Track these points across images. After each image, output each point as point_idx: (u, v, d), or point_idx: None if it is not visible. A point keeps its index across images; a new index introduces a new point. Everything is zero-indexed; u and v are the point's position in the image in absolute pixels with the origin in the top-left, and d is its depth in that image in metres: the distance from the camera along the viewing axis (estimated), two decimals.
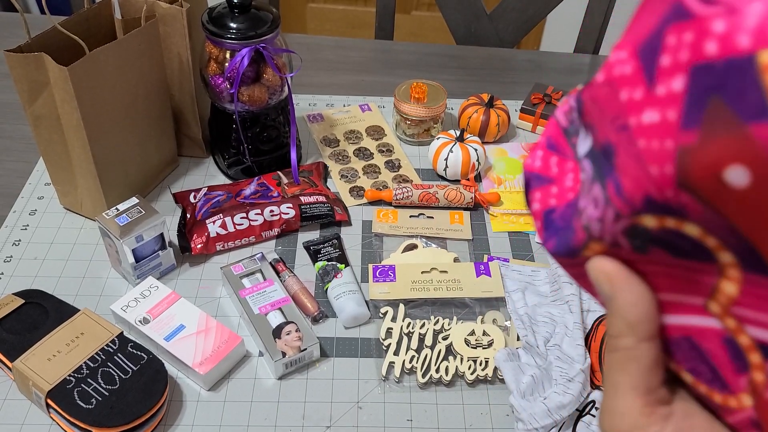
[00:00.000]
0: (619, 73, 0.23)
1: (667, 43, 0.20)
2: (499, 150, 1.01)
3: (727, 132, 0.18)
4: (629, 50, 0.22)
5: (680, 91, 0.20)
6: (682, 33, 0.19)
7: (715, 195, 0.20)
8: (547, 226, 0.29)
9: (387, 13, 1.33)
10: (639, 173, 0.22)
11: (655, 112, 0.21)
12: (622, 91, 0.22)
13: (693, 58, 0.19)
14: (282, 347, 0.69)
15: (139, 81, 0.81)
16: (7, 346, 0.67)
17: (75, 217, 0.86)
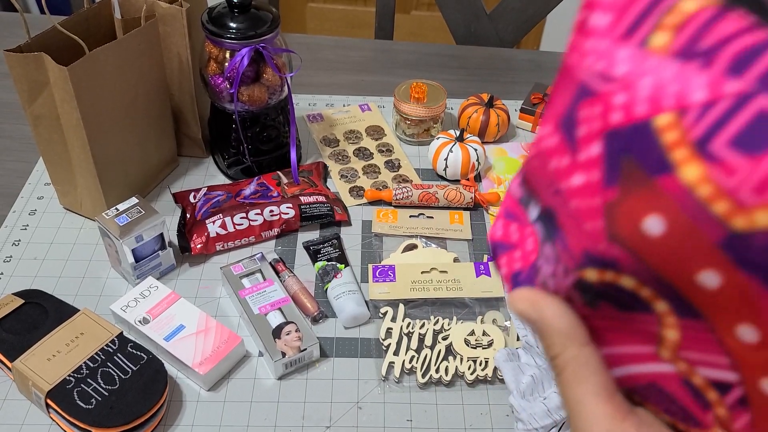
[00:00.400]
0: (546, 145, 0.26)
1: (581, 116, 0.24)
2: (499, 150, 1.01)
3: (641, 186, 0.21)
4: (552, 125, 0.26)
5: (598, 155, 0.23)
6: (591, 107, 0.23)
7: (639, 245, 0.22)
8: (514, 287, 0.31)
9: (387, 13, 1.33)
10: (577, 230, 0.25)
11: (581, 175, 0.24)
12: (552, 160, 0.25)
13: (604, 127, 0.22)
14: (282, 347, 0.69)
15: (138, 81, 0.81)
16: (7, 346, 0.67)
17: (75, 217, 0.86)
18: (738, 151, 0.19)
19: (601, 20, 0.23)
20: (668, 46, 0.21)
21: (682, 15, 0.21)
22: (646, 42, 0.22)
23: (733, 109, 0.19)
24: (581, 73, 0.24)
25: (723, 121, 0.19)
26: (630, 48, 0.22)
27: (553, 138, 0.25)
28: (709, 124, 0.20)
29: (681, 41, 0.21)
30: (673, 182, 0.20)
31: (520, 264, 0.31)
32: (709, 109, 0.20)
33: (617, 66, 0.22)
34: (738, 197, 0.19)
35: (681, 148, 0.20)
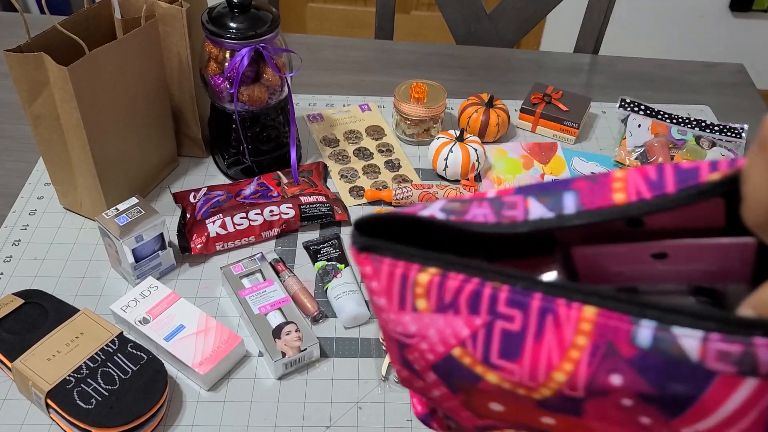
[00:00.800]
0: (422, 385, 0.33)
1: (410, 359, 0.32)
2: (499, 150, 1.01)
3: (473, 390, 0.31)
4: (399, 365, 0.34)
5: (436, 379, 0.32)
6: (412, 353, 0.31)
7: (496, 416, 0.33)
8: (423, 420, 0.41)
9: (387, 12, 1.33)
10: (459, 418, 0.35)
11: (436, 391, 0.33)
12: (416, 383, 0.34)
13: (427, 363, 0.31)
14: (282, 347, 0.69)
15: (138, 81, 0.81)
16: (7, 346, 0.67)
17: (75, 217, 0.86)
18: (506, 359, 0.28)
19: (381, 302, 0.31)
20: (428, 306, 0.29)
21: (422, 285, 0.29)
22: (416, 308, 0.30)
23: (487, 334, 0.28)
24: (392, 334, 0.31)
25: (487, 343, 0.28)
26: (408, 314, 0.30)
27: (403, 371, 0.34)
28: (481, 347, 0.28)
29: (433, 301, 0.29)
30: (487, 384, 0.29)
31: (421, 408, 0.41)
32: (476, 338, 0.28)
33: (409, 327, 0.30)
34: (523, 383, 0.28)
35: (477, 365, 0.29)
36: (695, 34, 2.40)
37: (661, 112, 1.05)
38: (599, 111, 1.10)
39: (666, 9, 2.34)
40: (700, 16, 2.36)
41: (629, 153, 0.98)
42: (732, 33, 2.39)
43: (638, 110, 1.05)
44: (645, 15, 2.36)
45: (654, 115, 1.04)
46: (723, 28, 2.38)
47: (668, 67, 1.22)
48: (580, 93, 1.13)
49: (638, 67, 1.22)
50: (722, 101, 1.14)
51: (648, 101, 1.13)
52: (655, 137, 0.99)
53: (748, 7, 2.30)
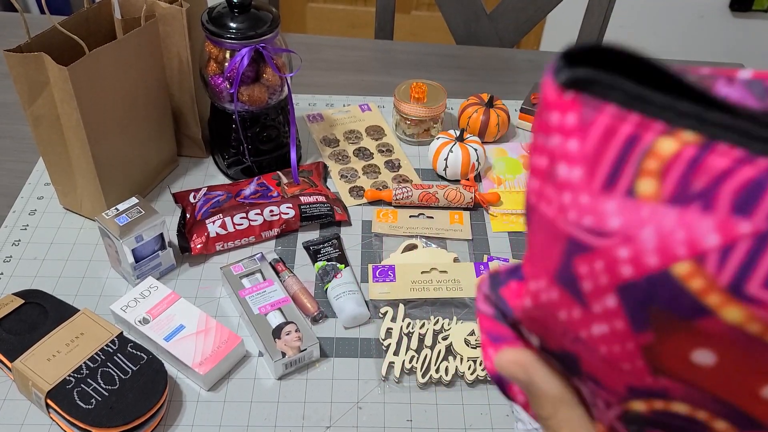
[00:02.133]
0: (547, 299, 0.25)
1: (580, 272, 0.22)
2: (499, 150, 1.01)
3: (679, 329, 0.21)
4: (546, 279, 0.24)
5: (615, 306, 0.22)
6: (590, 263, 0.22)
7: (690, 375, 0.22)
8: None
9: (387, 13, 1.33)
10: (613, 370, 0.24)
11: (602, 326, 0.23)
12: (559, 313, 0.24)
13: (614, 281, 0.21)
14: (282, 347, 0.69)
15: (139, 81, 0.81)
16: (7, 346, 0.67)
17: (75, 217, 0.86)
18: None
19: (572, 174, 0.21)
20: (658, 192, 0.20)
21: (662, 158, 0.20)
22: (633, 191, 0.20)
23: (756, 251, 0.19)
24: (566, 227, 0.22)
25: (749, 264, 0.19)
26: (616, 199, 0.21)
27: (552, 292, 0.24)
28: (735, 268, 0.19)
29: (670, 186, 0.20)
30: (716, 323, 0.20)
31: None
32: (729, 253, 0.19)
33: (608, 220, 0.21)
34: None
35: (713, 293, 0.19)
36: (695, 34, 2.40)
37: None
38: None
39: (666, 9, 2.34)
40: (700, 16, 2.36)
41: None
42: (732, 33, 2.39)
43: None
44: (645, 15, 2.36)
45: None
46: (723, 28, 2.38)
47: None
48: None
49: None
50: None
51: None
52: None
53: (748, 7, 2.30)
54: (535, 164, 0.23)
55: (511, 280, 0.30)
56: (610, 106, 0.20)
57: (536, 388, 0.28)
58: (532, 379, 0.28)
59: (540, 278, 0.24)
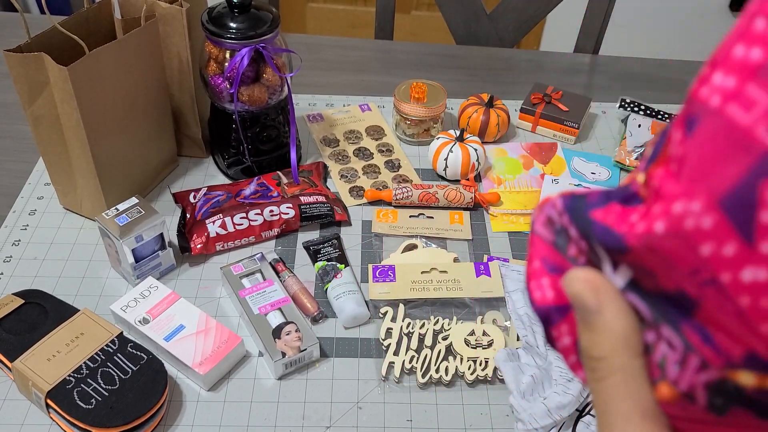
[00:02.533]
0: (694, 225, 0.20)
1: (765, 198, 0.18)
2: (499, 150, 1.01)
3: None
4: (704, 202, 0.20)
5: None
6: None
7: None
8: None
9: (387, 13, 1.33)
10: (742, 330, 0.20)
11: (761, 270, 0.19)
12: (703, 245, 0.20)
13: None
14: (282, 347, 0.69)
15: (139, 81, 0.81)
16: (7, 346, 0.67)
17: (75, 217, 0.86)
18: None
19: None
20: None
21: None
22: None
23: None
24: (766, 138, 0.17)
25: None
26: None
27: (707, 218, 0.20)
28: None
29: None
30: None
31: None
32: None
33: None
34: None
35: None
36: (695, 34, 2.40)
37: (661, 112, 1.05)
38: (599, 111, 1.10)
39: (666, 9, 2.34)
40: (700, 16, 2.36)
41: (629, 153, 0.98)
42: None
43: (638, 110, 1.05)
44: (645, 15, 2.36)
45: (654, 115, 1.04)
46: (723, 28, 2.38)
47: (668, 67, 1.22)
48: (580, 93, 1.13)
49: (638, 67, 1.22)
50: None
51: (648, 101, 1.13)
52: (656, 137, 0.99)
53: None
54: (739, 56, 0.19)
55: (612, 202, 0.26)
56: None
57: (602, 320, 0.24)
58: (602, 307, 0.24)
59: (694, 198, 0.20)
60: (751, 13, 0.18)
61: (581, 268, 0.25)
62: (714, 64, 0.19)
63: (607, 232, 0.24)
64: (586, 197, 0.26)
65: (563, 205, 0.27)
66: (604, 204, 0.25)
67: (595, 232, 0.25)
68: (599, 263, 0.25)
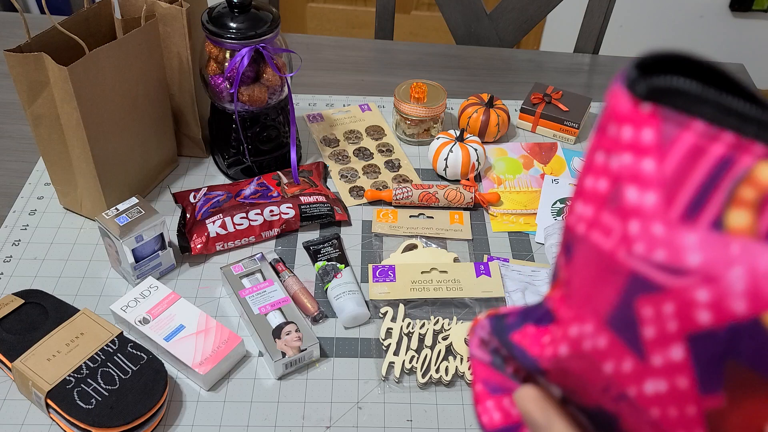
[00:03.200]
0: (592, 346, 0.21)
1: (643, 315, 0.19)
2: (499, 150, 1.01)
3: (760, 392, 0.17)
4: (594, 324, 0.21)
5: (682, 359, 0.19)
6: (658, 305, 0.19)
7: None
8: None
9: (387, 13, 1.33)
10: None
11: (659, 382, 0.20)
12: (606, 363, 0.21)
13: (685, 328, 0.18)
14: (282, 347, 0.69)
15: (139, 81, 0.81)
16: (7, 346, 0.67)
17: (75, 217, 0.86)
18: None
19: (644, 199, 0.18)
20: (754, 227, 0.17)
21: (762, 187, 0.17)
22: (721, 224, 0.17)
23: None
24: (630, 262, 0.19)
25: None
26: (698, 232, 0.18)
27: (600, 338, 0.21)
28: None
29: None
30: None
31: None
32: None
33: (687, 255, 0.18)
34: None
35: None
36: (695, 34, 2.40)
37: None
38: (599, 111, 1.10)
39: (666, 9, 2.34)
40: (700, 16, 2.36)
41: None
42: (732, 33, 2.39)
43: None
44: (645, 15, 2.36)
45: None
46: (723, 28, 2.38)
47: None
48: (580, 93, 1.13)
49: None
50: None
51: None
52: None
53: (748, 7, 2.30)
54: (590, 187, 0.20)
55: (527, 324, 0.26)
56: (698, 122, 0.17)
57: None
58: (551, 423, 0.25)
59: (585, 322, 0.21)
60: (592, 147, 0.20)
61: (528, 386, 0.26)
62: (576, 194, 0.21)
63: (524, 355, 0.26)
64: (506, 318, 0.28)
65: (490, 327, 0.28)
66: (520, 326, 0.27)
67: (515, 354, 0.26)
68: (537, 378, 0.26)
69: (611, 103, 0.19)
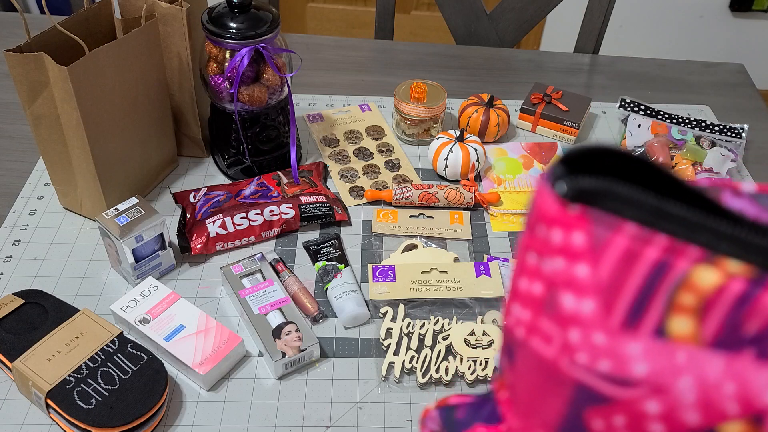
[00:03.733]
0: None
1: (594, 427, 0.18)
2: (499, 150, 1.01)
3: None
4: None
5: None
6: (608, 417, 0.18)
7: None
8: None
9: (387, 13, 1.33)
10: None
11: None
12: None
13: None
14: (282, 347, 0.69)
15: (139, 81, 0.81)
16: (7, 346, 0.67)
17: (75, 217, 0.86)
18: None
19: (582, 306, 0.17)
20: (697, 334, 0.16)
21: (701, 293, 0.16)
22: (663, 331, 0.16)
23: None
24: (574, 372, 0.18)
25: None
26: (642, 340, 0.17)
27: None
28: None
29: (714, 327, 0.16)
30: None
31: None
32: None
33: (632, 365, 0.17)
34: None
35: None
36: (695, 34, 2.40)
37: (661, 112, 1.05)
38: (599, 111, 1.10)
39: (666, 9, 2.34)
40: (700, 16, 2.36)
41: None
42: (732, 33, 2.39)
43: (638, 110, 1.05)
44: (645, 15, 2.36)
45: (654, 115, 1.04)
46: (723, 28, 2.38)
47: (668, 67, 1.22)
48: (580, 93, 1.13)
49: (638, 67, 1.22)
50: (722, 101, 1.14)
51: (648, 101, 1.13)
52: (655, 137, 0.99)
53: (748, 7, 2.30)
54: (524, 290, 0.19)
55: (477, 423, 0.25)
56: (629, 224, 0.16)
57: None
58: None
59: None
60: (524, 246, 0.19)
61: None
62: (512, 295, 0.20)
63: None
64: (456, 412, 0.26)
65: (440, 420, 0.27)
66: (470, 425, 0.25)
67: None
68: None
69: (538, 202, 0.18)
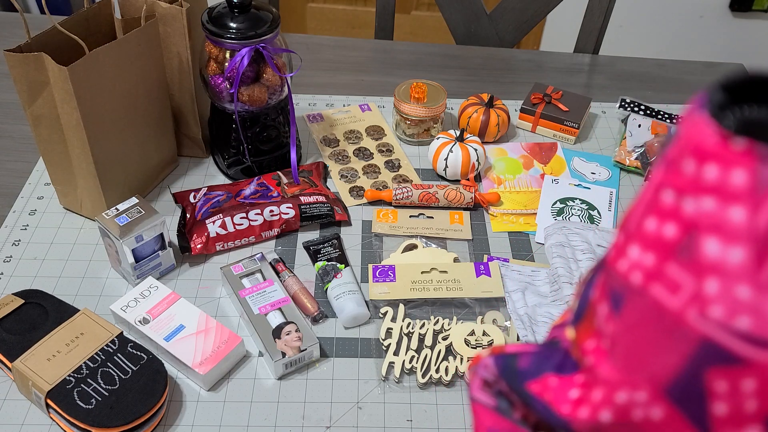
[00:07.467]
0: (643, 417, 0.18)
1: (714, 389, 0.16)
2: (499, 150, 1.01)
3: None
4: (649, 392, 0.18)
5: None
6: (735, 380, 0.15)
7: None
8: None
9: (387, 13, 1.33)
10: None
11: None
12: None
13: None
14: (282, 347, 0.69)
15: (139, 81, 0.81)
16: (7, 346, 0.67)
17: (75, 217, 0.86)
18: None
19: (729, 255, 0.15)
20: None
21: None
22: None
23: None
24: (702, 326, 0.16)
25: None
26: None
27: (655, 409, 0.18)
28: None
29: None
30: None
31: None
32: None
33: None
34: None
35: None
36: (695, 34, 2.40)
37: (661, 112, 1.05)
38: (599, 111, 1.10)
39: (666, 9, 2.34)
40: (700, 16, 2.36)
41: (629, 153, 0.98)
42: (732, 33, 2.39)
43: (638, 110, 1.05)
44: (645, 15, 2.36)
45: (654, 115, 1.04)
46: (723, 28, 2.38)
47: (668, 67, 1.22)
48: (580, 93, 1.13)
49: (638, 67, 1.22)
50: None
51: (648, 101, 1.13)
52: (655, 137, 0.99)
53: (748, 7, 2.30)
54: (651, 231, 0.17)
55: (546, 373, 0.23)
56: None
57: None
58: None
59: (638, 388, 0.18)
60: (658, 183, 0.17)
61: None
62: (627, 234, 0.18)
63: (548, 411, 0.23)
64: (518, 360, 0.24)
65: (497, 369, 0.25)
66: (538, 375, 0.23)
67: (535, 407, 0.23)
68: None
69: (690, 134, 0.16)
